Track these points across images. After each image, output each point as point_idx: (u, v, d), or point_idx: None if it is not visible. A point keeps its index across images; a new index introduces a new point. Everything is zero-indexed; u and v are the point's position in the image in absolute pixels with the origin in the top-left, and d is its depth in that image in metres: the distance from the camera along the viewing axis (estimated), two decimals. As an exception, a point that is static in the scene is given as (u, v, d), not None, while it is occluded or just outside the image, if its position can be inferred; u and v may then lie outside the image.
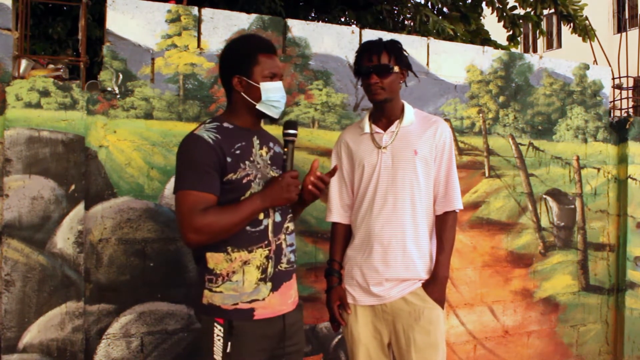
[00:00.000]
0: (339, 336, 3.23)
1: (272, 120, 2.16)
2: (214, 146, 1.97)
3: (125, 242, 2.76)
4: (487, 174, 3.67)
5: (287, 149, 2.09)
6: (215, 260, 2.01)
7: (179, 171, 2.00)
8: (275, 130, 2.33)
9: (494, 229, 3.68)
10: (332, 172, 2.24)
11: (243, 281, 2.00)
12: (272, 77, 2.08)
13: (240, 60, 2.08)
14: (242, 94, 2.08)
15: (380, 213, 2.36)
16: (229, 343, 1.97)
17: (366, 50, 2.37)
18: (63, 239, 2.60)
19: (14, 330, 2.52)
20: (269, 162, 2.11)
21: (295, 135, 2.10)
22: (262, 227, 2.04)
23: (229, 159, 1.99)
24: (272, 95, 2.08)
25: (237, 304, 2.00)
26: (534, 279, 3.80)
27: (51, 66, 2.90)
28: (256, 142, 2.10)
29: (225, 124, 2.07)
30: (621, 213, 4.06)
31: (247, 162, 2.03)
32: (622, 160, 4.06)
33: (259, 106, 2.08)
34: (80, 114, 2.65)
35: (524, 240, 3.78)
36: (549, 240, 3.85)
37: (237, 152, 2.02)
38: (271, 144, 2.17)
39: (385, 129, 2.41)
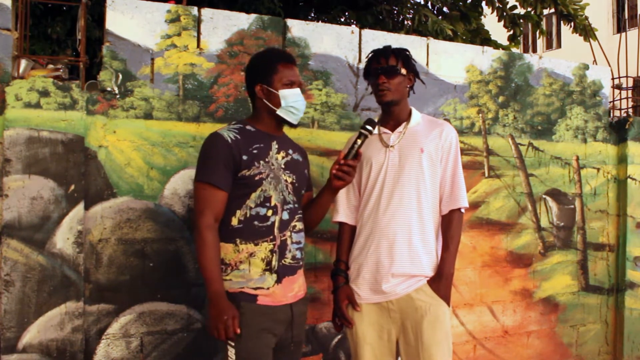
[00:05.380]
0: (339, 336, 3.23)
1: (290, 126, 2.33)
2: (231, 144, 2.17)
3: (124, 242, 2.76)
4: (486, 174, 3.67)
5: (359, 139, 2.31)
6: (225, 250, 2.19)
7: (197, 164, 2.23)
8: (289, 133, 2.46)
9: (493, 229, 3.68)
10: (357, 157, 2.33)
11: (249, 270, 2.18)
12: (291, 84, 2.27)
13: (262, 69, 2.29)
14: (264, 100, 2.28)
15: (386, 210, 2.40)
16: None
17: (375, 54, 2.48)
18: (63, 239, 2.60)
19: (13, 331, 2.52)
20: (282, 166, 2.27)
21: (370, 131, 2.32)
22: (269, 223, 2.19)
23: (244, 157, 2.18)
24: (291, 101, 2.27)
25: (243, 287, 2.17)
26: (533, 279, 3.80)
27: (51, 66, 2.90)
28: (275, 146, 2.28)
29: (248, 127, 2.27)
30: (621, 213, 4.05)
31: (261, 162, 2.21)
32: (622, 160, 4.06)
33: (279, 112, 2.27)
34: (79, 114, 2.65)
35: (524, 241, 3.78)
36: (548, 240, 3.85)
37: (255, 151, 2.21)
38: (290, 151, 2.34)
39: (392, 130, 2.48)
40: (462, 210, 2.47)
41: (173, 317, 2.83)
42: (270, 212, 2.20)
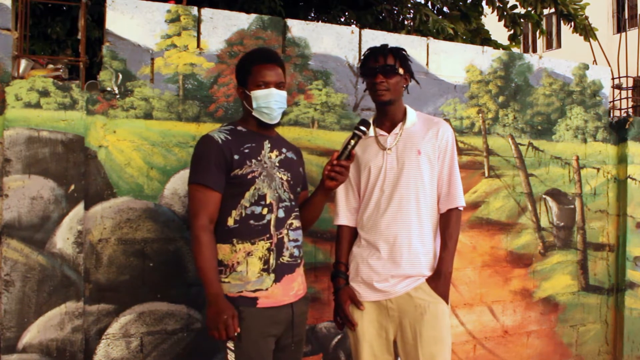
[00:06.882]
0: (339, 336, 3.23)
1: (270, 125, 2.32)
2: (222, 145, 2.19)
3: (124, 242, 2.76)
4: (486, 174, 3.67)
5: (353, 140, 2.31)
6: (222, 251, 2.20)
7: (190, 167, 2.25)
8: (288, 133, 2.43)
9: (493, 229, 3.68)
10: (351, 158, 2.34)
11: (247, 271, 2.19)
12: (265, 85, 2.25)
13: (240, 72, 2.34)
14: (244, 102, 2.33)
15: (386, 212, 2.41)
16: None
17: (373, 53, 2.46)
18: (62, 239, 2.60)
19: (13, 331, 2.52)
20: (276, 164, 2.28)
21: (364, 132, 2.32)
22: (264, 221, 2.21)
23: (236, 157, 2.19)
24: (262, 102, 2.26)
25: (241, 292, 2.18)
26: (533, 279, 3.80)
27: (50, 66, 2.90)
28: (267, 145, 2.29)
29: (239, 128, 2.30)
30: (621, 213, 4.05)
31: (254, 160, 2.22)
32: (622, 160, 4.06)
33: (254, 113, 2.28)
34: (79, 114, 2.65)
35: (524, 240, 3.78)
36: (548, 240, 3.85)
37: (246, 150, 2.23)
38: (284, 150, 2.35)
39: (389, 131, 2.48)
40: (460, 209, 2.48)
41: (173, 317, 2.83)
42: (265, 211, 2.21)
